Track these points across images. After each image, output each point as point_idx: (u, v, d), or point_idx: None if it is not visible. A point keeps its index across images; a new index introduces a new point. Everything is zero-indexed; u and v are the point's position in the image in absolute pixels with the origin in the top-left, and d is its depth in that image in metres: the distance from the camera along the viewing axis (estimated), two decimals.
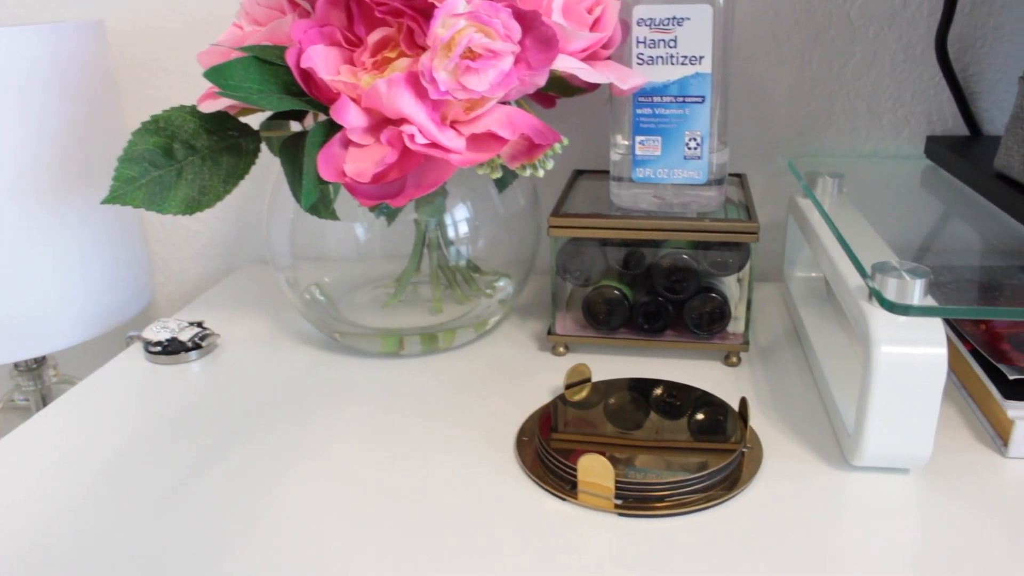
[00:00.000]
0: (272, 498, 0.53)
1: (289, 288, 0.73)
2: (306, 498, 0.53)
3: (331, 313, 0.74)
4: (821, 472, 0.55)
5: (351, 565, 0.47)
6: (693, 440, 0.56)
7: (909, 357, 0.50)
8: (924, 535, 0.49)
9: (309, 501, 0.53)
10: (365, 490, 0.54)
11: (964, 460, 0.56)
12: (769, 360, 0.70)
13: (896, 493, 0.53)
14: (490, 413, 0.62)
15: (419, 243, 0.72)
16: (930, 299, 0.50)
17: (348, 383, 0.68)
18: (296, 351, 0.74)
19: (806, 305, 0.75)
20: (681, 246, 0.68)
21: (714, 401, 0.60)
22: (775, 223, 0.87)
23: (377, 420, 0.62)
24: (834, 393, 0.60)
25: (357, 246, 0.71)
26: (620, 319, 0.70)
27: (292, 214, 0.70)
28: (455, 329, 0.72)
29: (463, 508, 0.52)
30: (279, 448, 0.59)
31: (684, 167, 0.66)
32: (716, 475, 0.53)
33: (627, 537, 0.49)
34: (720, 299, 0.67)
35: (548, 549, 0.48)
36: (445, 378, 0.68)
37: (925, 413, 0.51)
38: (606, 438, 0.56)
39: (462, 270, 0.73)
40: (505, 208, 0.72)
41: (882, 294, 0.50)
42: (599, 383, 0.63)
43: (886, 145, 0.83)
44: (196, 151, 0.64)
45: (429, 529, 0.50)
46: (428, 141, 0.56)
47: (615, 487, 0.51)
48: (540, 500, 0.53)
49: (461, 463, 0.56)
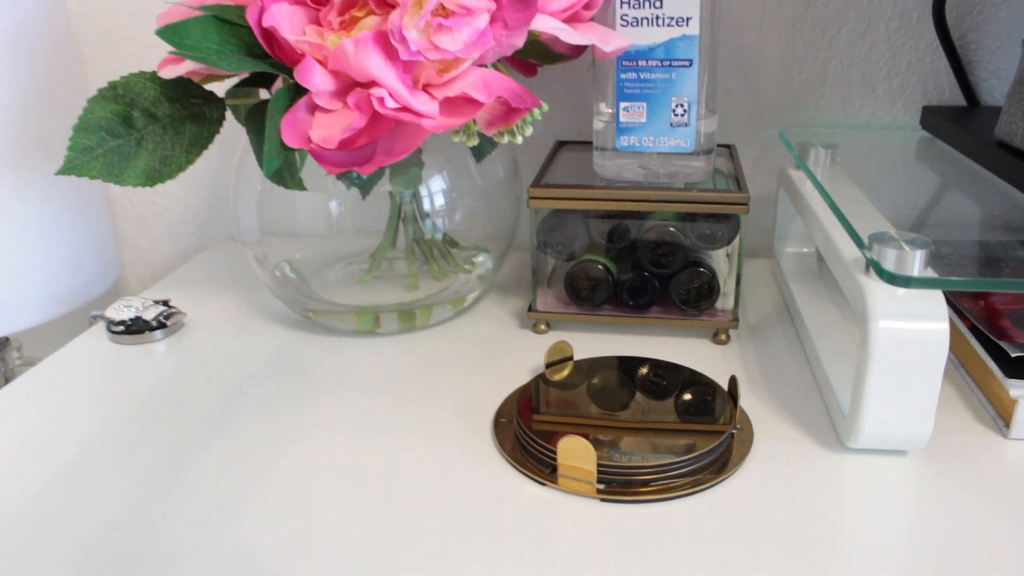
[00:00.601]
0: (240, 483, 0.50)
1: (258, 265, 0.69)
2: (277, 482, 0.50)
3: (303, 291, 0.71)
4: (815, 455, 0.52)
5: (322, 553, 0.44)
6: (680, 421, 0.53)
7: (909, 333, 0.47)
8: (923, 520, 0.46)
9: (279, 485, 0.50)
10: (337, 475, 0.51)
11: (964, 442, 0.53)
12: (759, 338, 0.67)
13: (893, 477, 0.50)
14: (468, 393, 0.59)
15: (394, 216, 0.69)
16: (930, 271, 0.47)
17: (321, 363, 0.65)
18: (266, 330, 0.71)
19: (798, 281, 0.72)
20: (668, 218, 0.65)
21: (702, 380, 0.58)
22: (765, 197, 0.84)
23: (350, 401, 0.59)
24: (828, 372, 0.57)
25: (329, 220, 0.68)
26: (604, 295, 0.67)
27: (259, 186, 0.67)
28: (432, 306, 0.69)
29: (437, 494, 0.49)
30: (247, 431, 0.56)
31: (671, 135, 0.62)
32: (704, 458, 0.50)
33: (610, 524, 0.46)
34: (708, 274, 0.64)
35: (526, 537, 0.45)
36: (421, 357, 0.65)
37: (925, 392, 0.48)
38: (588, 419, 0.53)
39: (439, 244, 0.70)
40: (483, 179, 0.69)
41: (880, 265, 0.47)
42: (581, 362, 0.60)
43: (880, 115, 0.80)
44: (157, 119, 0.61)
45: (402, 516, 0.47)
46: (399, 105, 0.52)
47: (597, 471, 0.48)
48: (519, 485, 0.50)
49: (437, 446, 0.53)
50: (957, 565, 0.43)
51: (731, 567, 0.43)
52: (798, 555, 0.44)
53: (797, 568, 0.43)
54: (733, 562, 0.43)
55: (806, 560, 0.43)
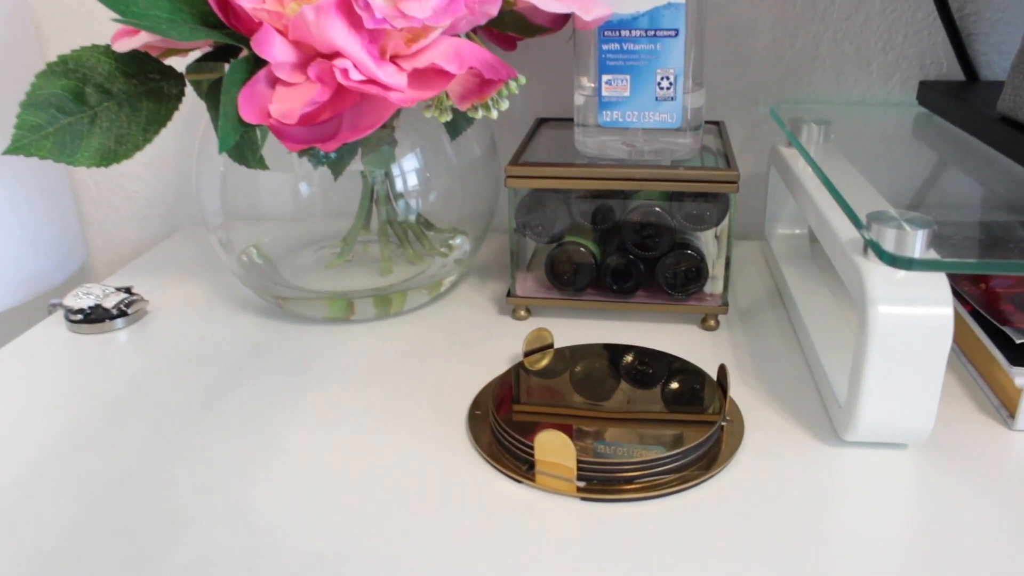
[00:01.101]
0: (204, 477, 0.47)
1: (223, 250, 0.66)
2: (242, 476, 0.47)
3: (271, 276, 0.67)
4: (809, 448, 0.49)
5: (284, 552, 0.41)
6: (666, 413, 0.49)
7: (910, 318, 0.44)
8: (924, 517, 0.43)
9: (245, 479, 0.47)
10: (304, 472, 0.48)
11: (966, 434, 0.50)
12: (750, 323, 0.64)
13: (892, 472, 0.47)
14: (443, 384, 0.56)
15: (366, 198, 0.65)
16: (933, 253, 0.44)
17: (290, 352, 0.61)
18: (233, 318, 0.67)
19: (790, 264, 0.69)
20: (653, 198, 0.61)
21: (690, 369, 0.54)
22: (756, 176, 0.80)
23: (319, 392, 0.56)
24: (823, 360, 0.54)
25: (296, 202, 0.64)
26: (586, 279, 0.63)
27: (222, 166, 0.63)
28: (406, 291, 0.66)
29: (406, 493, 0.46)
30: (210, 423, 0.52)
31: (656, 109, 0.59)
32: (692, 453, 0.47)
33: (591, 524, 0.43)
34: (696, 256, 0.61)
35: (500, 539, 0.42)
36: (395, 345, 0.62)
37: (927, 382, 0.45)
38: (569, 411, 0.50)
39: (413, 227, 0.66)
40: (459, 158, 0.65)
41: (880, 246, 0.43)
42: (562, 350, 0.57)
43: (875, 91, 0.77)
44: (112, 96, 0.57)
45: (368, 516, 0.44)
46: (364, 77, 0.49)
47: (577, 467, 0.45)
48: (493, 482, 0.46)
49: (408, 441, 0.50)
50: (960, 565, 0.40)
51: (721, 570, 0.40)
52: (792, 556, 0.41)
53: (792, 570, 0.40)
54: (723, 564, 0.40)
55: (801, 561, 0.40)
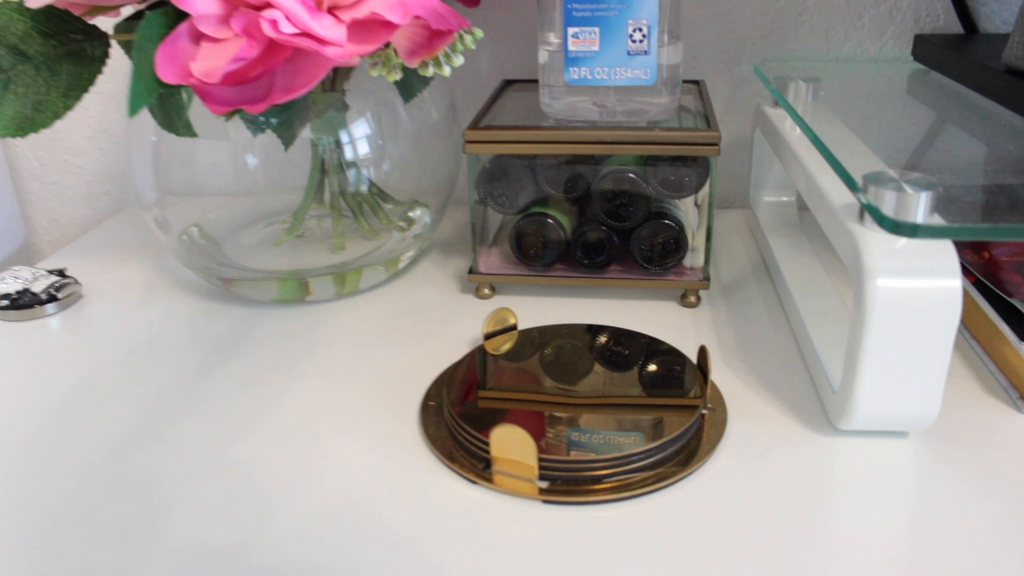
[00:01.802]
0: (138, 472, 0.42)
1: (160, 229, 0.60)
2: (177, 474, 0.41)
3: (215, 256, 0.62)
4: (800, 439, 0.44)
5: (212, 552, 0.36)
6: (641, 401, 0.44)
7: (913, 292, 0.39)
8: (928, 512, 0.39)
9: (184, 478, 0.41)
10: (244, 471, 0.42)
11: (972, 418, 0.45)
12: (734, 300, 0.58)
13: (892, 462, 0.42)
14: (396, 370, 0.51)
15: (316, 168, 0.60)
16: (937, 218, 0.38)
17: (234, 338, 0.56)
18: (175, 302, 0.62)
19: (777, 235, 0.64)
20: (627, 163, 0.56)
21: (667, 351, 0.49)
22: (739, 140, 0.75)
23: (262, 381, 0.50)
24: (815, 340, 0.49)
25: (238, 175, 0.59)
26: (555, 253, 0.58)
27: (155, 136, 0.57)
28: (361, 269, 0.60)
29: (348, 495, 0.40)
30: (144, 418, 0.47)
31: (628, 65, 0.54)
32: (668, 447, 0.42)
33: (555, 530, 0.38)
34: (674, 227, 0.56)
35: (450, 548, 0.37)
36: (348, 328, 0.56)
37: (932, 363, 0.40)
38: (533, 400, 0.45)
39: (368, 199, 0.61)
40: (414, 124, 0.60)
41: (879, 210, 0.38)
42: (527, 331, 0.52)
43: (867, 47, 0.71)
44: (28, 58, 0.51)
45: (306, 519, 0.39)
46: (297, 30, 0.43)
47: (539, 466, 0.40)
48: (446, 483, 0.41)
49: (354, 437, 0.45)
50: (967, 563, 0.35)
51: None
52: (782, 562, 0.36)
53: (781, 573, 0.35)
54: (704, 572, 0.35)
55: (792, 568, 0.35)
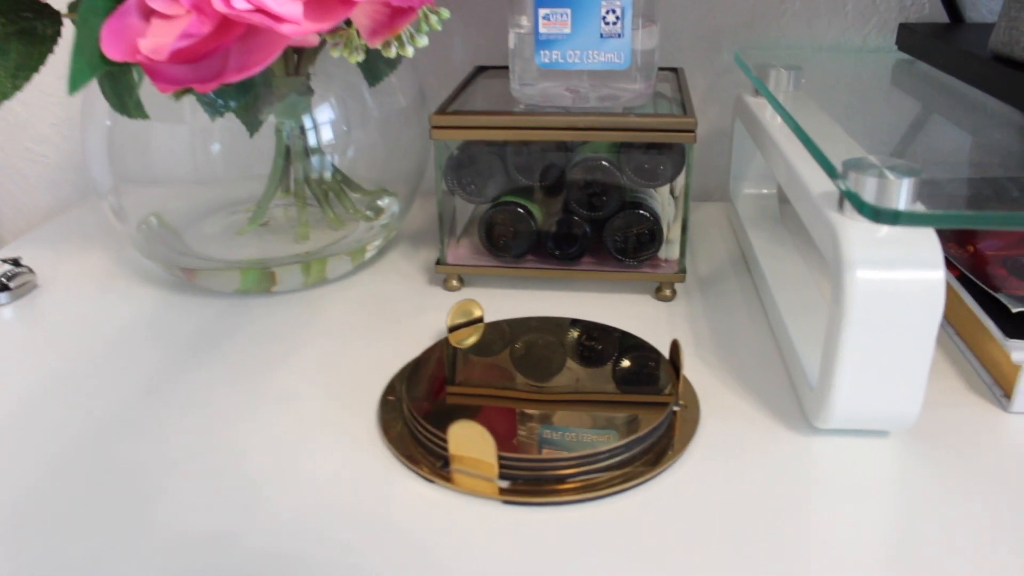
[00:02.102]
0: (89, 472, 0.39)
1: (117, 219, 0.58)
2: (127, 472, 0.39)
3: (175, 246, 0.59)
4: (775, 437, 0.42)
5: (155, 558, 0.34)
6: (610, 398, 0.42)
7: (894, 284, 0.37)
8: (909, 515, 0.37)
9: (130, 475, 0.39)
10: (197, 469, 0.40)
11: (955, 417, 0.44)
12: (710, 294, 0.56)
13: (872, 463, 0.40)
14: (358, 364, 0.49)
15: (280, 155, 0.57)
16: (920, 206, 0.37)
17: (193, 330, 0.54)
18: (134, 293, 0.59)
19: (757, 228, 0.62)
20: (600, 151, 0.54)
21: (638, 345, 0.47)
22: (719, 131, 0.73)
23: (220, 374, 0.48)
24: (793, 335, 0.47)
25: (196, 162, 0.56)
26: (526, 244, 0.56)
27: (109, 120, 0.55)
28: (326, 259, 0.58)
29: (300, 493, 0.38)
30: (96, 415, 0.45)
31: (601, 48, 0.51)
32: (636, 445, 0.39)
33: (515, 532, 0.36)
34: (649, 217, 0.54)
35: (403, 550, 0.35)
36: (312, 320, 0.54)
37: (914, 359, 0.38)
38: (497, 396, 0.42)
39: (333, 187, 0.59)
40: (381, 109, 0.58)
41: (859, 197, 0.36)
42: (494, 324, 0.50)
43: (851, 36, 0.69)
44: None
45: (253, 519, 0.36)
46: (251, 6, 0.41)
47: (499, 464, 0.38)
48: (402, 481, 0.39)
49: (314, 431, 0.43)
50: (950, 566, 0.34)
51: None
52: (756, 565, 0.34)
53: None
54: None
55: (765, 572, 0.33)
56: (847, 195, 0.37)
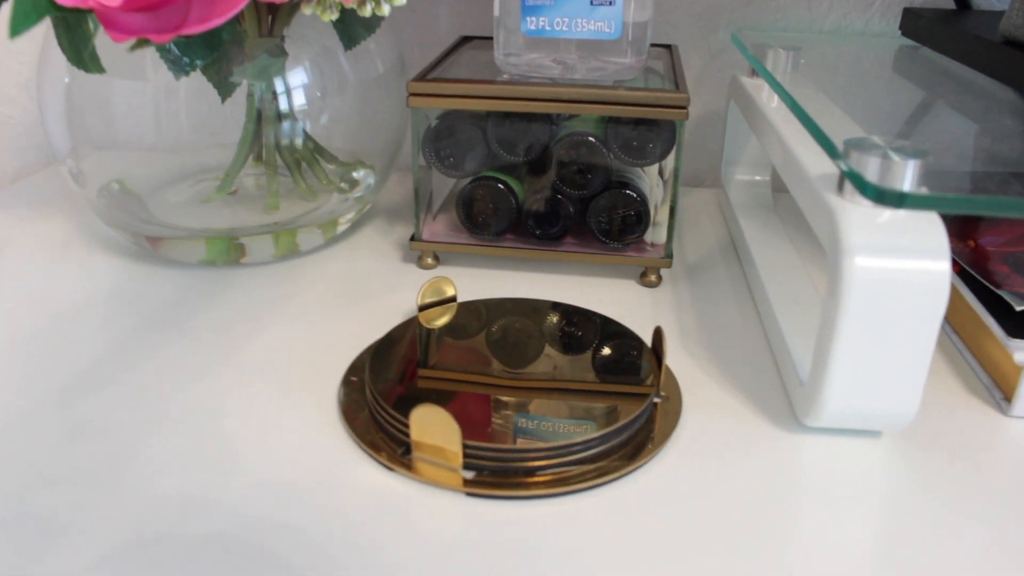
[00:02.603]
0: (26, 449, 0.37)
1: (76, 183, 0.55)
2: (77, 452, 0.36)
3: (138, 213, 0.56)
4: (761, 435, 0.39)
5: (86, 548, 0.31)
6: (586, 387, 0.39)
7: (895, 273, 0.34)
8: (901, 521, 0.34)
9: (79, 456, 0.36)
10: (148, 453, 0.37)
11: (953, 420, 0.41)
12: (698, 281, 0.54)
13: (864, 465, 0.38)
14: (323, 341, 0.46)
15: (251, 120, 0.54)
16: (926, 191, 0.34)
17: (153, 302, 0.51)
18: (92, 262, 0.56)
19: (748, 215, 0.59)
20: (587, 126, 0.51)
21: (621, 332, 0.44)
22: (713, 114, 0.70)
23: (175, 351, 0.45)
24: (783, 327, 0.44)
25: (158, 125, 0.53)
26: (506, 222, 0.53)
27: (67, 77, 0.52)
28: (296, 231, 0.55)
29: (251, 479, 0.35)
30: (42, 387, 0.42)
31: (590, 16, 0.49)
32: (612, 438, 0.37)
33: (478, 528, 0.33)
34: (636, 198, 0.51)
35: (355, 543, 0.32)
36: (278, 295, 0.51)
37: (914, 355, 0.35)
38: (467, 380, 0.40)
39: (306, 155, 0.56)
40: (357, 75, 0.55)
41: (861, 177, 0.33)
42: (467, 304, 0.47)
43: (852, 19, 0.67)
44: None
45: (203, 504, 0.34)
46: None
47: (464, 453, 0.35)
48: (360, 468, 0.36)
49: (271, 413, 0.40)
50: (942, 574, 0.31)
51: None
52: (736, 570, 0.31)
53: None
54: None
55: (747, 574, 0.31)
56: (848, 176, 0.34)
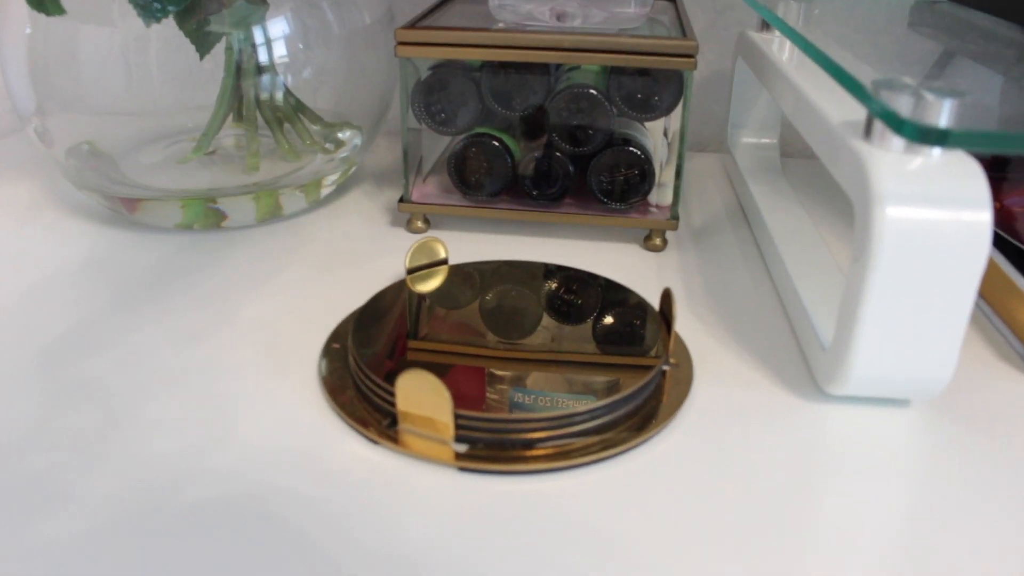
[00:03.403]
0: None
1: (42, 143, 0.51)
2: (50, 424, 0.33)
3: (109, 174, 0.53)
4: (779, 404, 0.36)
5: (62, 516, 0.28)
6: (591, 354, 0.36)
7: (931, 225, 0.31)
8: (929, 494, 0.31)
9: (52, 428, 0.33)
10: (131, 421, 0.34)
11: (982, 388, 0.38)
12: (705, 245, 0.51)
13: (890, 435, 0.34)
14: (305, 307, 0.43)
15: (230, 73, 0.51)
16: None
17: (125, 268, 0.47)
18: (62, 227, 0.53)
19: (757, 180, 0.56)
20: (587, 79, 0.48)
21: (626, 295, 0.41)
22: (718, 75, 0.67)
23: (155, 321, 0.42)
24: (801, 291, 0.41)
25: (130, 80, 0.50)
26: (500, 182, 0.50)
27: (28, 27, 0.48)
28: (277, 192, 0.52)
29: (227, 454, 0.32)
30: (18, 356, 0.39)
31: None
32: (619, 407, 0.33)
33: (471, 505, 0.30)
34: (640, 155, 0.48)
35: (337, 524, 0.29)
36: (258, 261, 0.48)
37: (950, 315, 0.32)
38: (458, 349, 0.36)
39: (287, 112, 0.52)
40: (342, 27, 0.51)
41: (896, 114, 0.30)
42: (460, 267, 0.43)
43: None
44: None
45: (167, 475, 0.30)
46: None
47: (455, 424, 0.32)
48: (341, 441, 0.33)
49: (248, 382, 0.37)
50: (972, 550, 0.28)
51: (654, 569, 0.27)
52: (753, 549, 0.28)
53: (752, 569, 0.27)
54: (657, 561, 0.27)
55: (763, 556, 0.27)
56: (881, 115, 0.31)
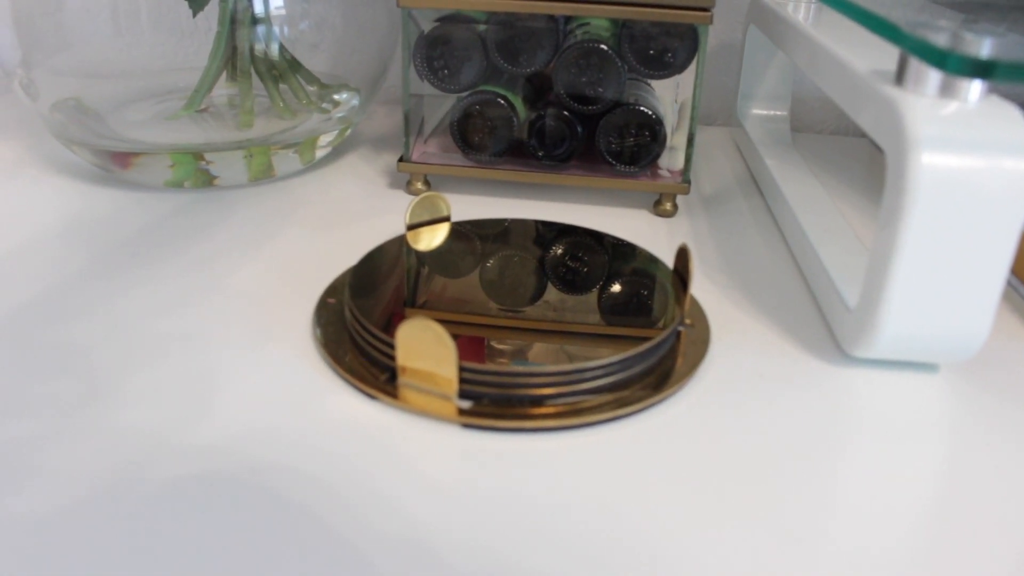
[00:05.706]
0: None
1: (27, 96, 0.49)
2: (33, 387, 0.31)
3: (96, 129, 0.51)
4: (799, 366, 0.34)
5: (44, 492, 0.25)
6: (602, 315, 0.34)
7: (969, 174, 0.29)
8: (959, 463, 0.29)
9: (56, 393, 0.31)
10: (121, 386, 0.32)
11: (1012, 357, 0.36)
12: (717, 211, 0.49)
13: (918, 401, 0.32)
14: (299, 265, 0.41)
15: (224, 25, 0.49)
16: None
17: (113, 226, 0.45)
18: (48, 183, 0.50)
19: (769, 152, 0.54)
20: (597, 35, 0.45)
21: (638, 255, 0.39)
22: (727, 47, 0.65)
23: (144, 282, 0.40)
24: (820, 252, 0.39)
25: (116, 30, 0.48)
26: (504, 142, 0.47)
27: None
28: (269, 150, 0.50)
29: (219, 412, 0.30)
30: None
31: None
32: (634, 364, 0.31)
33: (477, 464, 0.28)
34: (651, 115, 0.46)
35: (334, 484, 0.27)
36: (250, 221, 0.46)
37: (987, 272, 0.30)
38: (458, 310, 0.34)
39: (283, 69, 0.50)
40: None
41: (935, 47, 0.28)
42: (463, 224, 0.41)
43: None
44: None
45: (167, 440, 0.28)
46: None
47: (460, 378, 0.30)
48: (337, 396, 0.31)
49: (242, 339, 0.35)
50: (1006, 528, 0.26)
51: (671, 536, 0.25)
52: (775, 516, 0.26)
53: (771, 535, 0.25)
54: (674, 527, 0.25)
55: (786, 523, 0.25)
56: (920, 50, 0.29)
